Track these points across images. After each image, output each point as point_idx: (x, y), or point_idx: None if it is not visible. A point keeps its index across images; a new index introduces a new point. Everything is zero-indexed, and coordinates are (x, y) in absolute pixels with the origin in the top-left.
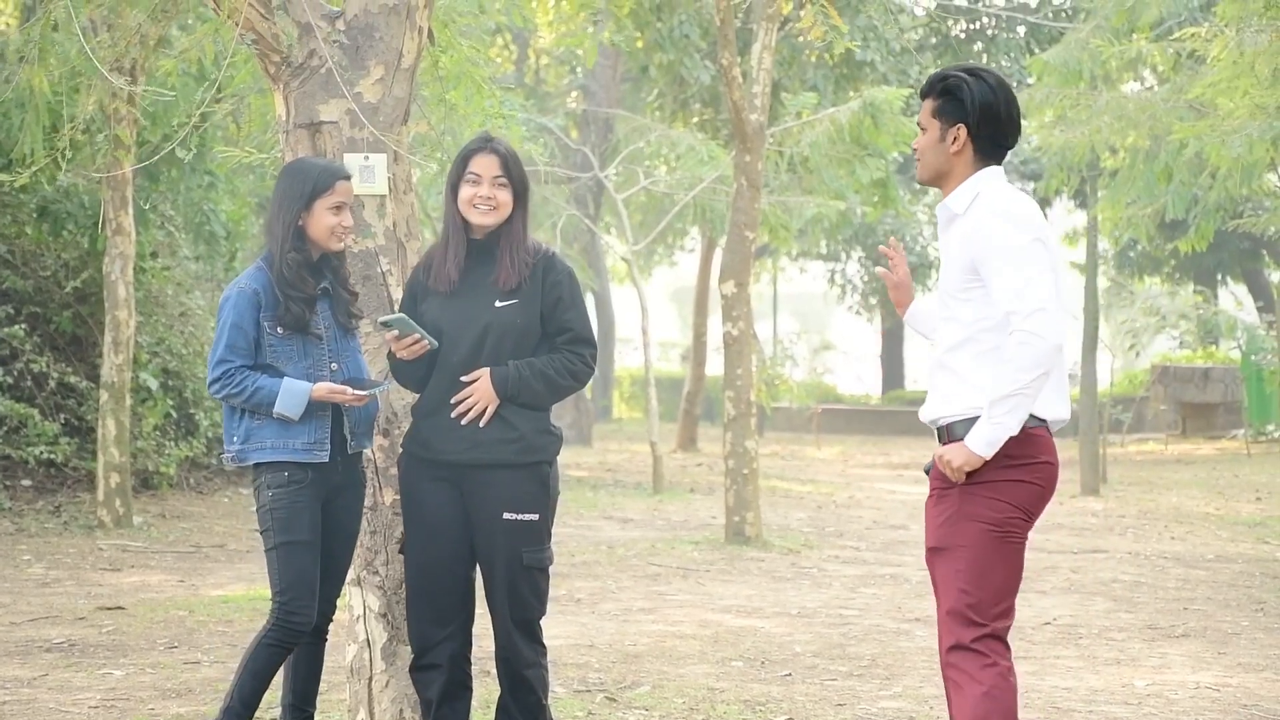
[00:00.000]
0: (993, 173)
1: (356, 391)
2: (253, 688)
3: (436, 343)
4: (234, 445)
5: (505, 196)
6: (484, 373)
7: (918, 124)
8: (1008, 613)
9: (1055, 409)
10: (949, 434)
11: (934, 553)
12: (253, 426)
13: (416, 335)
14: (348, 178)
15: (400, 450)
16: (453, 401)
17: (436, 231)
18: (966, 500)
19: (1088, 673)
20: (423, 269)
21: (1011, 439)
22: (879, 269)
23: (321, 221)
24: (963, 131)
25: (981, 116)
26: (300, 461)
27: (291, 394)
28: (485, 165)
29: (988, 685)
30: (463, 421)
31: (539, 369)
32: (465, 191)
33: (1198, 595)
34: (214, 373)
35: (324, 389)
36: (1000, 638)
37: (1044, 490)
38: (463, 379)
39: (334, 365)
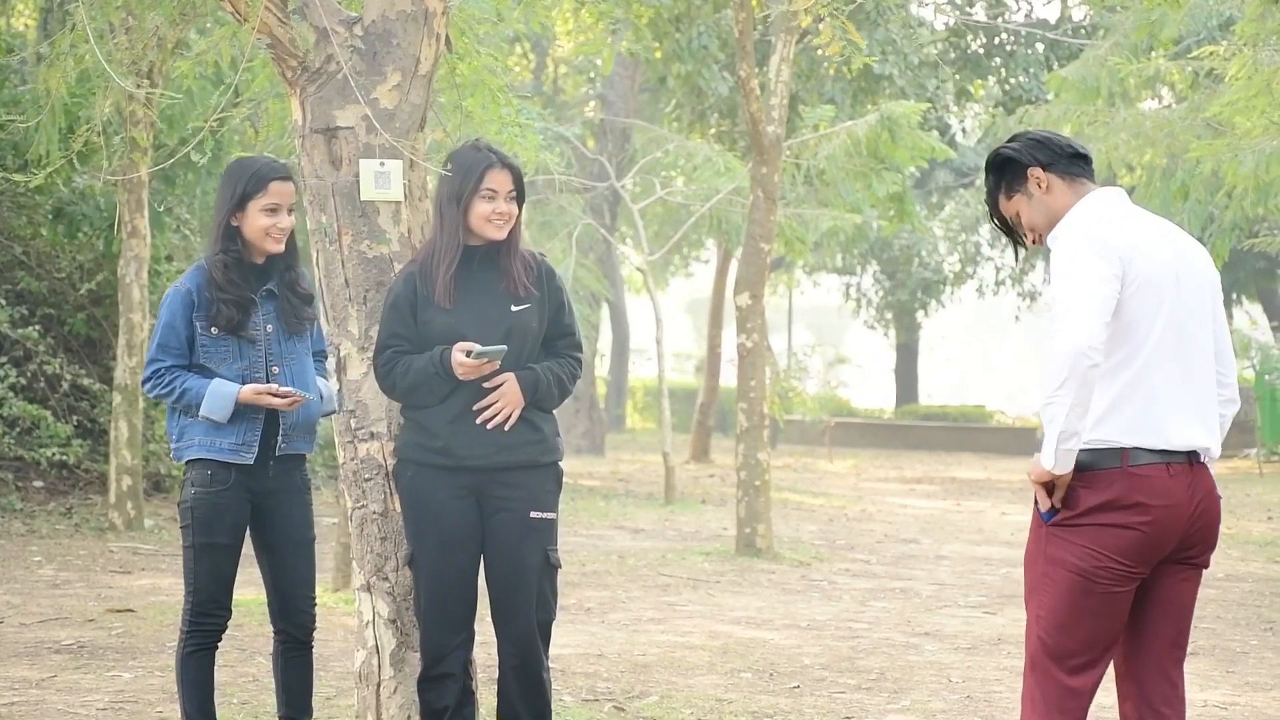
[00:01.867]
0: (1094, 197)
1: (284, 395)
2: (199, 697)
3: (500, 360)
4: (173, 442)
5: (515, 210)
6: (509, 377)
7: (1012, 219)
8: (1088, 667)
9: (1163, 435)
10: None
11: (1027, 592)
12: (186, 424)
13: (497, 361)
14: (285, 178)
15: (398, 461)
16: (478, 407)
17: None
18: (1051, 543)
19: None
20: (419, 279)
21: (1104, 478)
22: None
23: (255, 223)
24: (1038, 172)
25: (1037, 152)
26: (225, 461)
27: (217, 396)
28: (500, 181)
29: None
30: (489, 426)
31: (555, 373)
32: (483, 207)
33: (1207, 614)
34: (145, 371)
35: (250, 391)
36: (1077, 694)
37: (1147, 536)
38: (485, 385)
39: (275, 369)
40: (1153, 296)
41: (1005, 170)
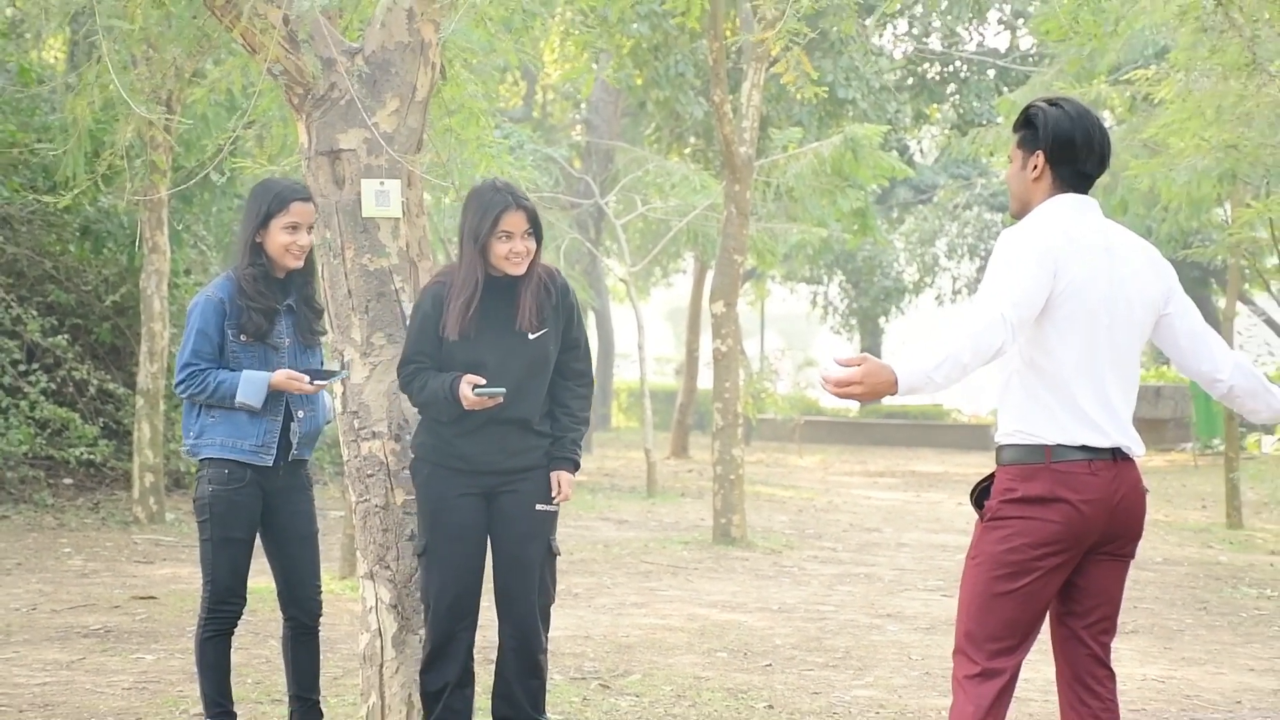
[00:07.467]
0: (1059, 201)
1: (315, 382)
2: (216, 679)
3: (502, 398)
4: (189, 439)
5: (533, 246)
6: (563, 475)
7: (1008, 157)
8: (1008, 653)
9: (1084, 433)
10: (997, 456)
11: (961, 583)
12: (207, 423)
13: (499, 398)
14: (306, 199)
15: (415, 459)
16: (559, 502)
17: (449, 253)
18: (983, 536)
19: (1044, 665)
20: (444, 306)
21: (1029, 473)
22: None
23: (276, 240)
24: (1040, 158)
25: (1055, 142)
26: (243, 461)
27: (251, 383)
28: (516, 222)
29: None
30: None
31: (581, 420)
32: (500, 248)
33: (1146, 595)
34: (180, 375)
35: (282, 375)
36: (993, 676)
37: (1067, 529)
38: (554, 496)
39: None
40: (1081, 301)
41: (1026, 127)
